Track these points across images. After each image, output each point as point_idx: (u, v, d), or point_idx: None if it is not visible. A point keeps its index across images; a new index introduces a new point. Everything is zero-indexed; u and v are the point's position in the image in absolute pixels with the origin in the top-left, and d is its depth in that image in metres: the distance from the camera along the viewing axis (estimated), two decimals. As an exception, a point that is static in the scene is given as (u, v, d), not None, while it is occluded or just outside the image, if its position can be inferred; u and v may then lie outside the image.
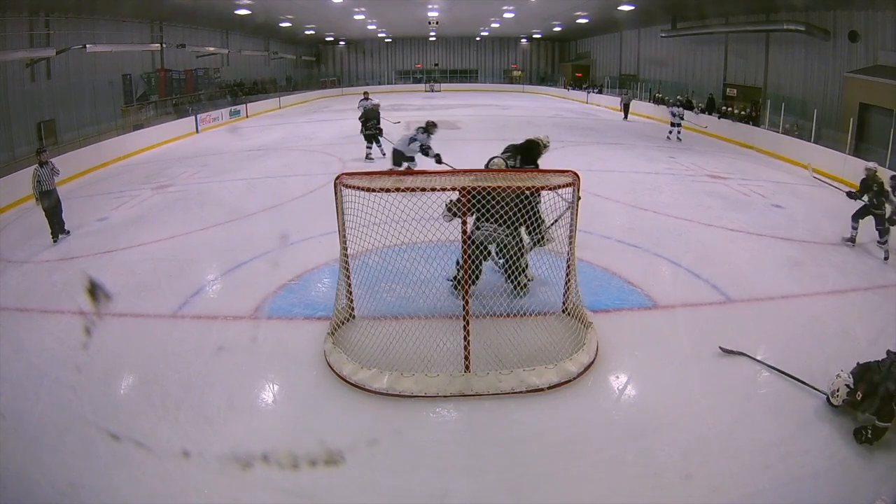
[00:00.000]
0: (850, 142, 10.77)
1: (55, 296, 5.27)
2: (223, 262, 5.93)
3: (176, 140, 15.46)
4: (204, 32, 20.94)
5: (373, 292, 4.41)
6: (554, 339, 3.98)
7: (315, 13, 22.42)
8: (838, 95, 12.86)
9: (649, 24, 21.91)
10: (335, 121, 18.92)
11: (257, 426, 3.43)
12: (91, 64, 14.31)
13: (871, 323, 4.62)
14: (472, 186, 3.82)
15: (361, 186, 3.82)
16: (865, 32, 12.22)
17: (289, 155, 12.70)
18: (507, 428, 3.36)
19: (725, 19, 17.31)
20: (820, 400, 3.55)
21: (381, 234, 4.06)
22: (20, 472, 3.02)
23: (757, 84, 16.35)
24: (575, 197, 4.19)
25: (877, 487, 2.89)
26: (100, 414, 3.48)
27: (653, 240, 6.52)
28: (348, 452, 3.10)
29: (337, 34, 31.66)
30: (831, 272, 5.69)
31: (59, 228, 6.97)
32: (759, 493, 2.85)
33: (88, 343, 4.37)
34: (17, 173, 9.49)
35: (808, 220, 7.63)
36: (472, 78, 36.12)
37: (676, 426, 3.35)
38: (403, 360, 3.79)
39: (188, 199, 8.82)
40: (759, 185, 9.53)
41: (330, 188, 4.16)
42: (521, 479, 2.97)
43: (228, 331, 4.53)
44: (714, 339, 4.34)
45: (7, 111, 11.64)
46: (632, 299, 4.98)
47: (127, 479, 2.96)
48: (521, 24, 28.10)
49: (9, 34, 11.69)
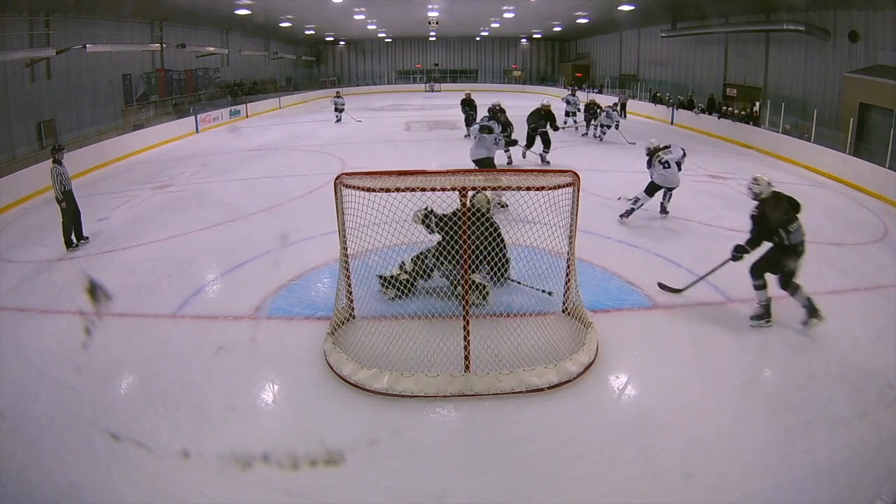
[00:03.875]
0: (850, 142, 10.77)
1: (55, 296, 5.27)
2: (223, 262, 5.93)
3: (176, 140, 15.45)
4: (204, 32, 20.94)
5: (373, 292, 4.41)
6: (554, 339, 3.98)
7: (315, 13, 22.42)
8: (838, 95, 12.86)
9: (649, 24, 21.90)
10: (335, 121, 18.90)
11: (257, 426, 3.43)
12: (91, 64, 14.31)
13: (871, 323, 4.62)
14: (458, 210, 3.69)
15: (361, 186, 3.81)
16: (865, 32, 12.22)
17: (289, 155, 12.69)
18: (507, 428, 3.36)
19: (725, 19, 17.31)
20: (820, 400, 3.55)
21: (381, 234, 4.06)
22: (20, 472, 3.02)
23: (757, 84, 16.35)
24: (575, 197, 4.18)
25: (877, 487, 2.89)
26: (100, 414, 3.48)
27: (653, 240, 6.51)
28: (348, 452, 3.10)
29: (337, 34, 31.65)
30: (831, 272, 5.69)
31: (81, 231, 6.71)
32: (759, 493, 2.85)
33: (88, 343, 4.37)
34: (17, 173, 9.51)
35: (808, 220, 7.57)
36: (472, 78, 36.07)
37: (676, 426, 3.35)
38: (403, 360, 3.79)
39: (188, 199, 8.82)
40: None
41: (330, 188, 4.16)
42: (521, 479, 2.97)
43: (228, 331, 4.53)
44: (714, 339, 4.34)
45: (7, 111, 11.63)
46: (632, 299, 4.98)
47: (127, 479, 2.96)
48: (521, 24, 28.09)
49: (9, 34, 11.68)
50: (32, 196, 9.34)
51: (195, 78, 20.90)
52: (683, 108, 17.68)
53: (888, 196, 8.81)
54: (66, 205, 6.46)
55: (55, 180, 6.41)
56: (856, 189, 9.61)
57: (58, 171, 6.43)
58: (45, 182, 9.81)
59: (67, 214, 6.52)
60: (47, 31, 12.70)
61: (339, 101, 18.13)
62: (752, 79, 16.63)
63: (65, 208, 6.47)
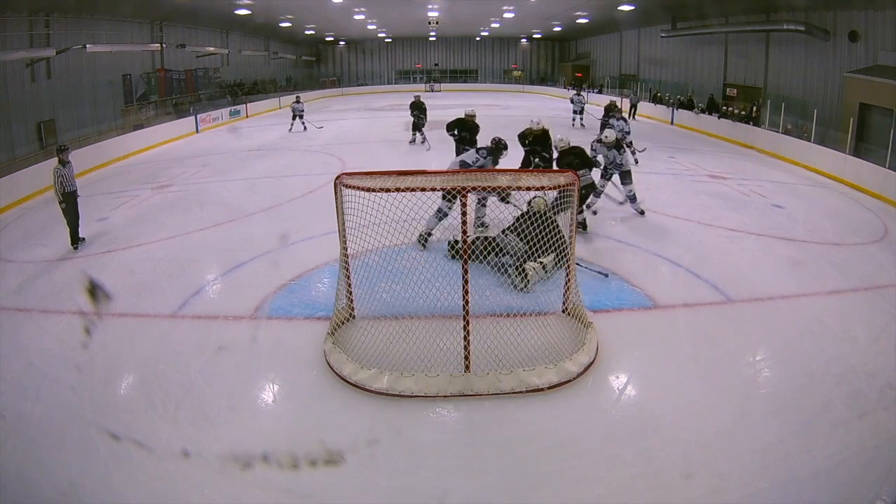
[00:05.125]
0: (850, 142, 10.77)
1: (55, 296, 5.27)
2: (223, 262, 5.93)
3: (176, 140, 15.44)
4: (204, 32, 20.94)
5: (373, 292, 4.40)
6: (554, 339, 3.98)
7: (315, 13, 22.41)
8: (838, 95, 12.86)
9: (649, 24, 21.90)
10: (335, 121, 18.92)
11: (257, 426, 3.43)
12: (91, 64, 14.30)
13: (871, 323, 4.62)
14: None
15: (361, 186, 3.81)
16: (865, 32, 12.22)
17: (289, 155, 12.70)
18: (507, 428, 3.36)
19: (725, 19, 17.31)
20: (820, 400, 3.56)
21: (381, 234, 4.06)
22: (20, 472, 3.02)
23: (757, 84, 16.35)
24: (575, 197, 4.20)
25: (877, 487, 2.89)
26: (100, 414, 3.48)
27: (653, 240, 6.52)
28: (348, 452, 3.10)
29: (337, 34, 31.66)
30: (831, 272, 5.69)
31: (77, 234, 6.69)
32: (759, 493, 2.85)
33: (88, 343, 4.37)
34: (17, 173, 9.51)
35: (808, 220, 7.63)
36: (472, 78, 36.11)
37: (676, 426, 3.35)
38: (403, 360, 3.79)
39: (188, 199, 8.82)
40: (759, 185, 9.53)
41: (330, 188, 4.16)
42: (520, 479, 2.97)
43: (228, 331, 4.53)
44: (714, 339, 4.34)
45: (7, 111, 11.63)
46: (632, 299, 4.98)
47: (127, 479, 2.96)
48: (521, 24, 28.10)
49: (9, 34, 11.67)
50: (32, 196, 9.34)
51: (195, 78, 20.89)
52: (683, 108, 17.69)
53: (888, 196, 8.81)
54: (67, 206, 6.45)
55: (55, 181, 6.40)
56: (856, 189, 9.61)
57: (60, 173, 6.41)
58: (45, 182, 9.83)
59: (67, 215, 6.51)
60: (47, 31, 12.70)
61: (298, 107, 16.23)
62: (752, 79, 16.63)
63: (65, 209, 6.46)
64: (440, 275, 4.26)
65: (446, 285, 4.16)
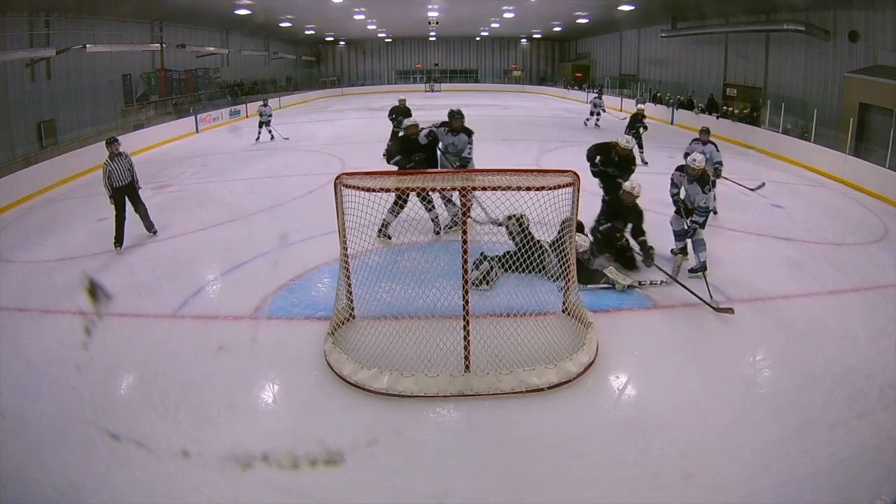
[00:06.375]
0: (850, 142, 10.77)
1: (55, 296, 5.27)
2: (223, 262, 5.93)
3: (176, 140, 15.44)
4: (204, 32, 20.92)
5: (373, 292, 4.40)
6: (554, 339, 3.98)
7: (315, 13, 22.42)
8: (838, 95, 12.86)
9: (649, 24, 21.89)
10: (335, 121, 18.93)
11: (257, 426, 3.43)
12: (91, 64, 14.29)
13: (871, 323, 4.62)
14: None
15: (361, 186, 3.81)
16: (865, 32, 12.21)
17: (289, 155, 12.69)
18: (507, 428, 3.36)
19: (725, 19, 17.30)
20: (820, 400, 3.56)
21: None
22: (20, 472, 3.02)
23: (757, 84, 16.34)
24: (575, 197, 4.18)
25: (877, 487, 2.89)
26: (100, 414, 3.48)
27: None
28: (348, 452, 3.10)
29: (337, 34, 31.65)
30: (831, 272, 5.69)
31: (149, 225, 6.67)
32: (759, 493, 2.85)
33: (88, 343, 4.37)
34: (17, 173, 9.51)
35: (808, 220, 7.63)
36: (472, 78, 36.08)
37: (676, 426, 3.35)
38: (403, 360, 3.79)
39: (188, 199, 8.82)
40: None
41: (330, 188, 4.15)
42: (520, 479, 2.97)
43: (228, 331, 4.53)
44: (714, 339, 4.34)
45: (7, 111, 11.62)
46: (632, 299, 4.99)
47: (127, 479, 2.96)
48: (521, 24, 28.09)
49: (9, 34, 11.66)
50: (32, 196, 9.35)
51: (195, 78, 20.88)
52: (683, 108, 17.68)
53: (888, 196, 8.81)
54: (114, 202, 6.29)
55: (103, 176, 6.22)
56: (856, 189, 9.61)
57: (108, 167, 6.18)
58: (45, 182, 9.90)
59: (116, 211, 6.34)
60: (47, 31, 12.69)
61: (266, 111, 14.51)
62: (752, 79, 16.63)
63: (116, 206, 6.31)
64: (440, 275, 4.26)
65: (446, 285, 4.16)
